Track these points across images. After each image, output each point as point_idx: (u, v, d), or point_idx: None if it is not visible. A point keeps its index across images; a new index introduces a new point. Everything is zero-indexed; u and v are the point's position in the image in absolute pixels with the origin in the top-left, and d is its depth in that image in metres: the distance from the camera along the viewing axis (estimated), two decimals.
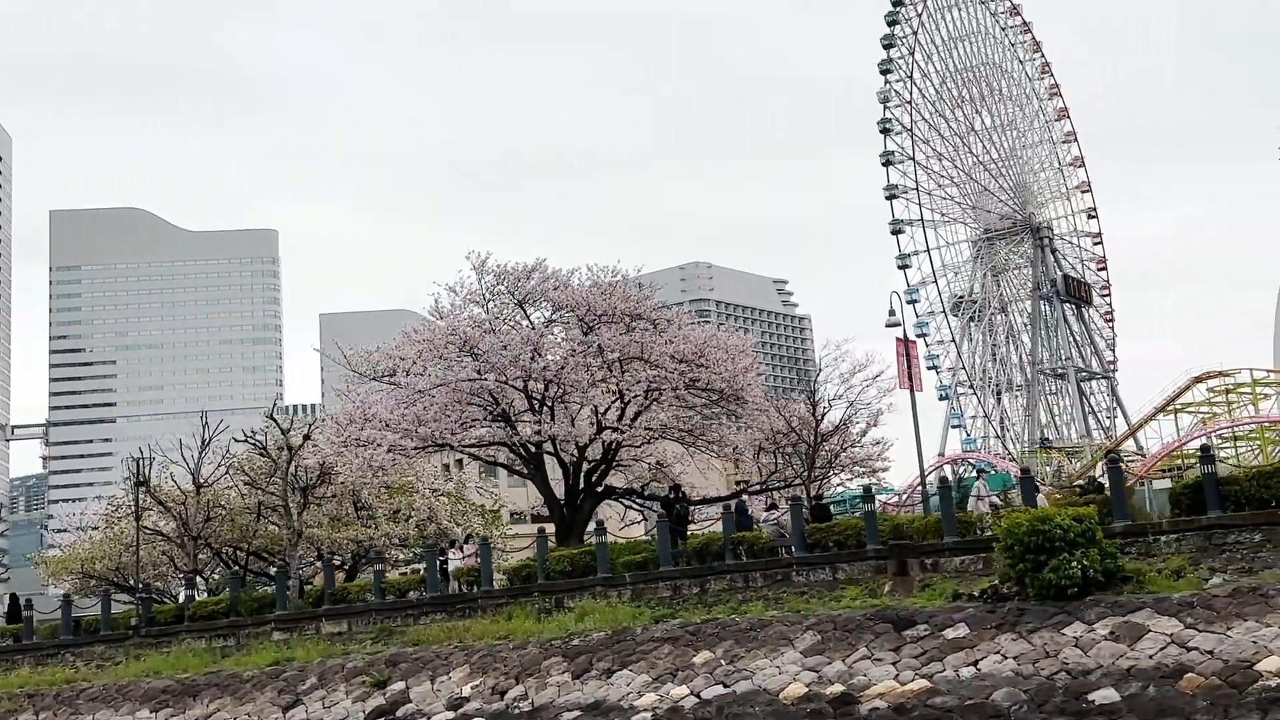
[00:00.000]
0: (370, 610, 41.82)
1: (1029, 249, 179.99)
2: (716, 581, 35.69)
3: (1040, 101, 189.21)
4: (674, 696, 29.54)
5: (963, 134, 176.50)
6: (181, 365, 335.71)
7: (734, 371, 46.06)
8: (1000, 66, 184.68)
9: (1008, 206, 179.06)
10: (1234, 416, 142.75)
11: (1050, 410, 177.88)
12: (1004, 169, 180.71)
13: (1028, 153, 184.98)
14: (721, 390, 46.46)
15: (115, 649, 46.32)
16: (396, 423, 47.22)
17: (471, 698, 32.93)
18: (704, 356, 45.72)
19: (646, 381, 45.10)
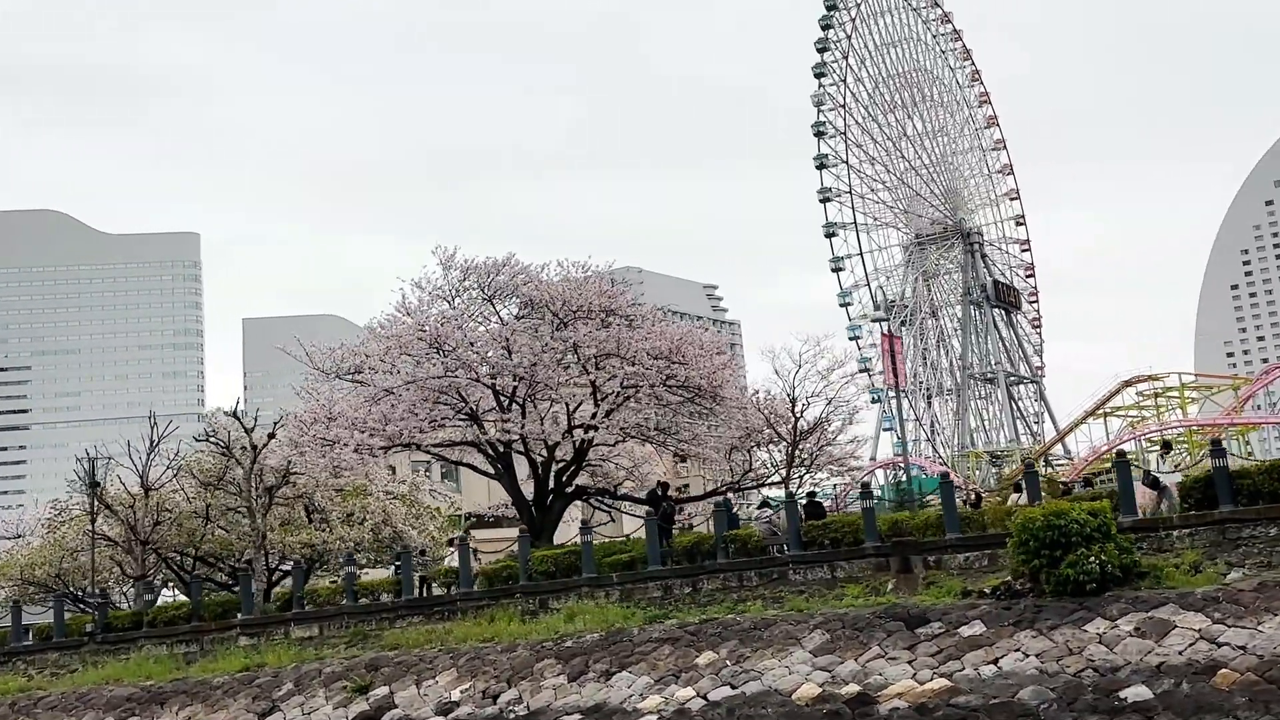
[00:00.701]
0: (343, 614, 40.53)
1: (960, 254, 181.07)
2: (709, 581, 34.84)
3: (970, 109, 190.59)
4: (679, 698, 28.68)
5: (895, 139, 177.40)
6: (99, 371, 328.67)
7: (712, 368, 45.25)
8: (931, 73, 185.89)
9: (939, 212, 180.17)
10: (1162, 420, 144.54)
11: (980, 414, 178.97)
12: (935, 174, 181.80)
13: (958, 159, 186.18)
14: (699, 387, 45.59)
15: (70, 656, 44.65)
16: (362, 421, 45.90)
17: (461, 702, 31.89)
18: (680, 353, 44.84)
19: (623, 378, 44.11)
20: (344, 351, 49.18)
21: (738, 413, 46.79)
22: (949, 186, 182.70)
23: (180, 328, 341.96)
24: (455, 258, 48.19)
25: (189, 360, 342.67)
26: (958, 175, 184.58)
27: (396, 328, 47.98)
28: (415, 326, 46.50)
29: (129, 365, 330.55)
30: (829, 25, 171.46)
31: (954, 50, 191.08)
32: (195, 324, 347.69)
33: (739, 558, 35.04)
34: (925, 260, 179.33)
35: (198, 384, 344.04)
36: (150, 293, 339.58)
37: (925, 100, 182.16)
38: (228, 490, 51.47)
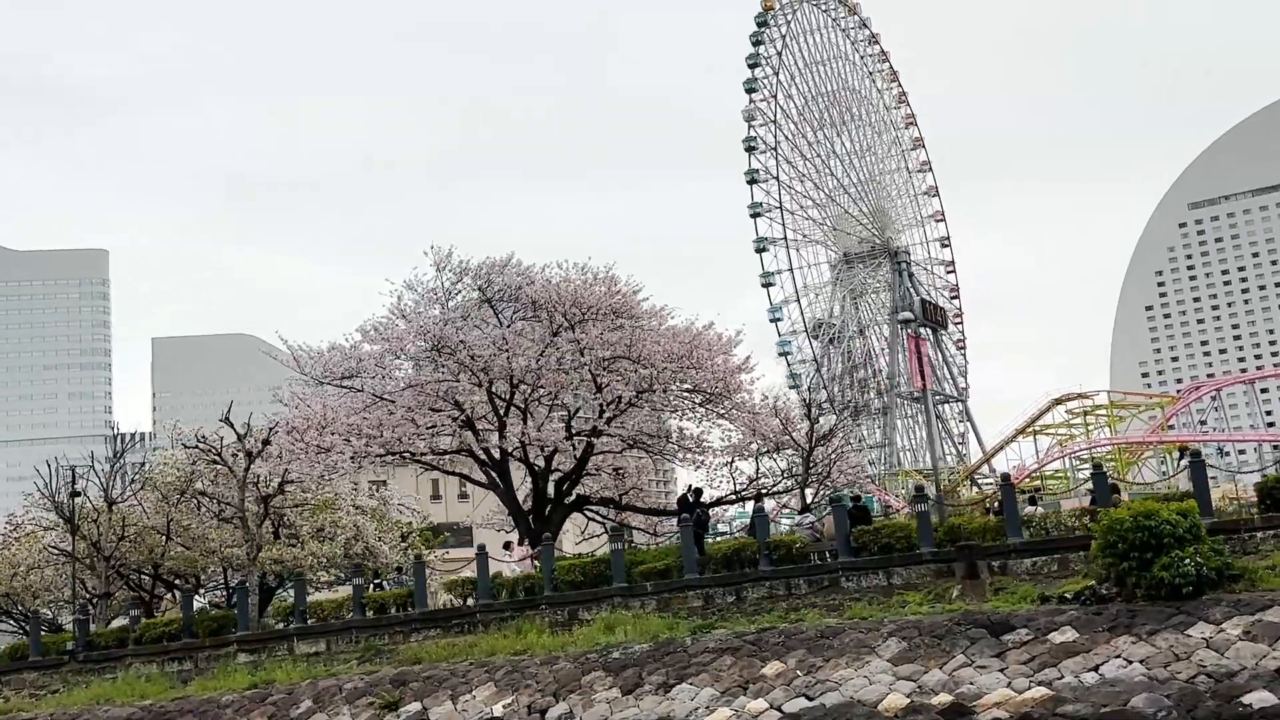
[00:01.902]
0: (350, 628, 38.60)
1: (887, 273, 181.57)
2: (754, 589, 33.45)
3: (897, 130, 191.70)
4: (751, 711, 27.23)
5: (825, 156, 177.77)
6: (3, 391, 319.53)
7: (726, 370, 43.88)
8: (860, 92, 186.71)
9: (867, 230, 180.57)
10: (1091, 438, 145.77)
11: (907, 434, 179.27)
12: (863, 193, 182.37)
13: (886, 178, 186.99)
14: (713, 391, 44.17)
15: (49, 676, 42.18)
16: (357, 428, 44.00)
17: (505, 717, 30.18)
18: (693, 355, 43.46)
19: (637, 381, 42.63)
20: (335, 355, 47.12)
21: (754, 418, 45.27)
22: (877, 206, 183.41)
23: (88, 347, 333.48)
24: (450, 258, 46.52)
25: (97, 380, 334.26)
26: (885, 195, 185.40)
27: (391, 331, 46.12)
28: (416, 330, 44.71)
29: (34, 385, 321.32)
30: (759, 41, 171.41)
31: (881, 71, 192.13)
32: (103, 343, 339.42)
33: (783, 564, 33.68)
34: (853, 279, 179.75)
35: (105, 405, 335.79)
36: (57, 311, 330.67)
37: (854, 119, 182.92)
38: (219, 501, 49.00)
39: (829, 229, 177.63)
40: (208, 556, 54.81)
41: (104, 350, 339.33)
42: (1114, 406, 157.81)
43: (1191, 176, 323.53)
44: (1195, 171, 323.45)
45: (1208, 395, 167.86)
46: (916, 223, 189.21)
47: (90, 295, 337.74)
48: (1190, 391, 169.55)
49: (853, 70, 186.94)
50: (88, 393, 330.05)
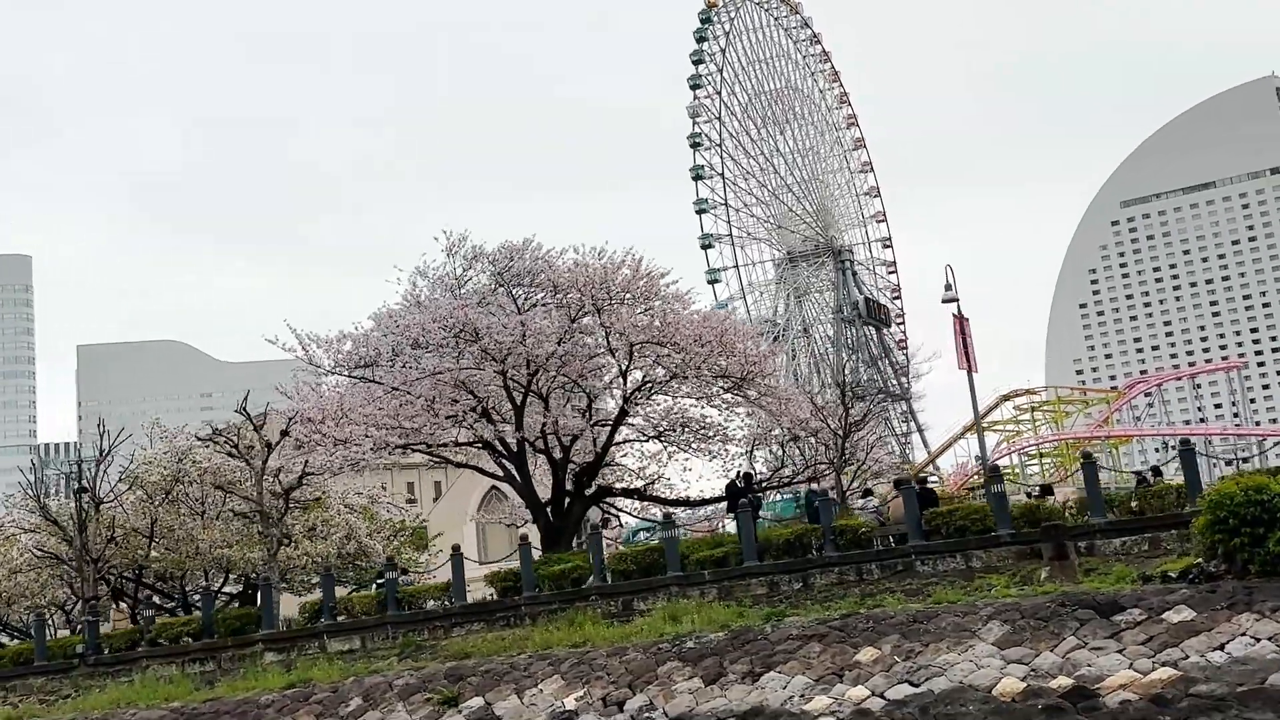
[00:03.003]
0: (385, 624, 37.04)
1: (831, 272, 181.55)
2: (821, 575, 32.35)
3: (839, 130, 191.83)
4: (853, 699, 26.10)
5: (769, 154, 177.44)
6: None
7: (757, 355, 42.77)
8: (802, 92, 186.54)
9: (811, 229, 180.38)
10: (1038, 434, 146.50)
11: None
12: (807, 192, 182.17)
13: (828, 178, 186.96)
14: (742, 377, 43.01)
15: (58, 680, 40.16)
16: (375, 418, 42.47)
17: (580, 711, 28.83)
18: (723, 339, 42.31)
19: (671, 365, 41.40)
20: (346, 344, 45.49)
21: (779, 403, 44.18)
22: (820, 205, 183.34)
23: (11, 355, 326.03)
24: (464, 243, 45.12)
25: (20, 389, 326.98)
26: (828, 194, 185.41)
27: (407, 319, 44.53)
28: (434, 316, 43.14)
29: None
30: (703, 38, 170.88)
31: (823, 71, 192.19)
32: (27, 350, 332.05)
33: (849, 550, 32.62)
34: (797, 277, 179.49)
35: (29, 414, 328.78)
36: None
37: (797, 118, 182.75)
38: (237, 493, 47.15)
39: (773, 227, 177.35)
40: (193, 559, 52.94)
41: (28, 358, 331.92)
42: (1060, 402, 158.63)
43: (1123, 175, 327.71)
44: (1127, 170, 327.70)
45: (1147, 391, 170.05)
46: (859, 223, 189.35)
47: (13, 302, 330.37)
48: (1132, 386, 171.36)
49: (795, 69, 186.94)
50: (10, 401, 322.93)
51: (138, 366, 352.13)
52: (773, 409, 43.92)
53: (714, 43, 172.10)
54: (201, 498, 54.28)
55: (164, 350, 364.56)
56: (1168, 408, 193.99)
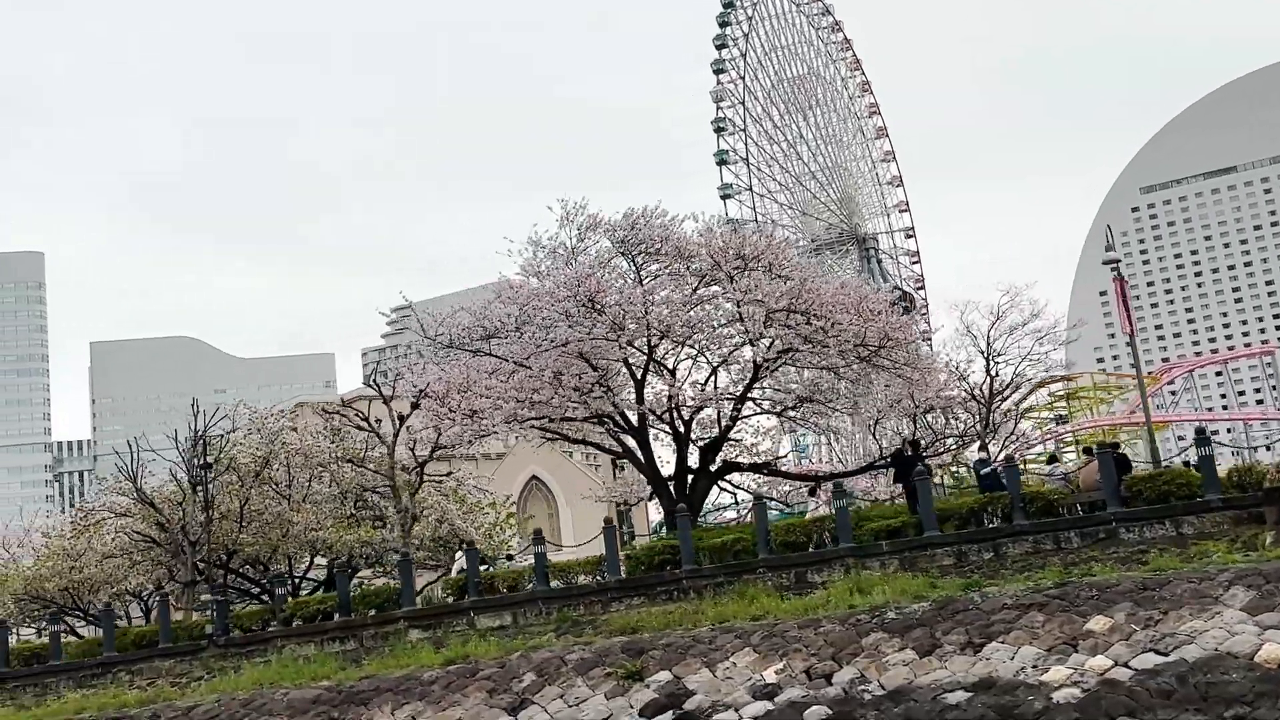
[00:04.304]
0: (535, 599, 35.69)
1: (855, 260, 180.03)
2: (1014, 545, 31.00)
3: (861, 119, 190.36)
4: (1095, 668, 24.69)
5: (792, 140, 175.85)
6: None
7: (896, 322, 41.35)
8: (825, 78, 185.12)
9: (835, 217, 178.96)
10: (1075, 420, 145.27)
11: None
12: (830, 180, 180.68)
13: (851, 166, 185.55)
14: (879, 345, 41.57)
15: (187, 663, 38.79)
16: (504, 391, 41.11)
17: (782, 684, 27.43)
18: (862, 305, 40.91)
19: (810, 333, 39.94)
20: (463, 318, 44.10)
21: (919, 373, 42.77)
22: (844, 193, 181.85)
23: (24, 353, 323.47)
24: (581, 211, 43.63)
25: (34, 387, 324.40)
26: (851, 183, 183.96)
27: (526, 290, 43.13)
28: (560, 285, 41.74)
29: None
30: (726, 23, 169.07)
31: (844, 59, 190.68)
32: (40, 348, 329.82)
33: (1041, 518, 31.25)
34: (821, 265, 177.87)
35: (44, 411, 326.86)
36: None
37: (819, 106, 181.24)
38: (367, 468, 45.79)
39: (797, 214, 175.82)
40: (287, 541, 51.68)
41: (41, 356, 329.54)
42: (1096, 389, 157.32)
43: (1143, 161, 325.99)
44: (1147, 156, 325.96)
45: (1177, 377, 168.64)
46: (881, 212, 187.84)
47: (26, 299, 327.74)
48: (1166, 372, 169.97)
49: (817, 56, 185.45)
50: (25, 399, 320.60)
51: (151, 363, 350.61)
52: (911, 377, 42.42)
53: (736, 28, 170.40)
54: (289, 480, 53.12)
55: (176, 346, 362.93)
56: (1203, 393, 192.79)
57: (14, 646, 47.09)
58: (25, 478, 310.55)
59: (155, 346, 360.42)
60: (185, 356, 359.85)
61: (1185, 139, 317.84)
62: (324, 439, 55.38)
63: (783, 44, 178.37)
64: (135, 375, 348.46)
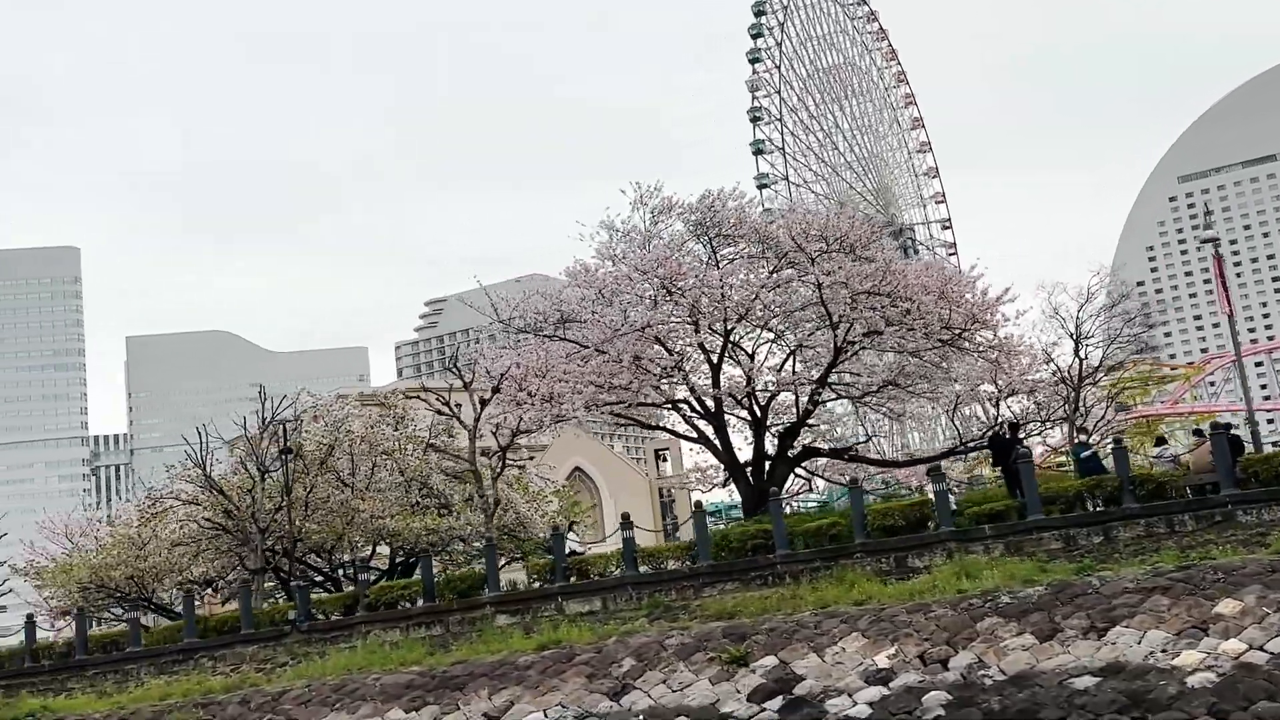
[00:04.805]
0: (624, 584, 35.18)
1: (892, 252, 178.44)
2: (1125, 528, 30.29)
3: (896, 110, 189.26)
4: (1229, 652, 24.03)
5: (828, 130, 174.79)
6: None
7: (983, 303, 40.57)
8: (860, 68, 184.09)
9: (872, 207, 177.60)
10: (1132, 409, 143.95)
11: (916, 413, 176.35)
12: (866, 170, 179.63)
13: (887, 156, 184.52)
14: (963, 328, 40.84)
15: (271, 649, 38.44)
16: (582, 375, 40.58)
17: (896, 669, 26.85)
18: (948, 287, 40.20)
19: (895, 316, 39.25)
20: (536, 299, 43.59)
21: (1004, 355, 41.95)
22: (880, 184, 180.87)
23: (61, 347, 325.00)
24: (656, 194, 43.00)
25: (71, 381, 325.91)
26: (887, 172, 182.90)
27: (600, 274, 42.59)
28: (636, 269, 41.18)
29: (6, 388, 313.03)
30: (762, 11, 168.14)
31: (880, 49, 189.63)
32: (77, 343, 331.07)
33: (1150, 501, 30.54)
34: None
35: (81, 406, 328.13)
36: (28, 311, 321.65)
37: (854, 95, 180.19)
38: (448, 453, 45.37)
39: (833, 204, 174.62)
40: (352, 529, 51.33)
41: (77, 350, 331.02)
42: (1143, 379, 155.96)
43: (1181, 150, 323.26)
44: (1184, 145, 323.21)
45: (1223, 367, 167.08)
46: (917, 203, 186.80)
47: (62, 294, 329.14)
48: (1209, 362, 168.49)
49: (852, 45, 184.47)
50: (62, 394, 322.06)
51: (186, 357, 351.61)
52: (995, 360, 41.59)
53: (772, 16, 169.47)
54: (352, 469, 52.78)
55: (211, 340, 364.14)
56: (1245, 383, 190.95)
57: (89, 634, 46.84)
58: (63, 471, 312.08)
59: (190, 341, 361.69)
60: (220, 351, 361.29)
61: (1223, 128, 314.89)
62: (388, 426, 55.18)
63: (818, 33, 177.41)
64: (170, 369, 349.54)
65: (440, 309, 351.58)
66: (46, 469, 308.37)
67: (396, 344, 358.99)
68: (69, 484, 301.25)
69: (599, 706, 28.88)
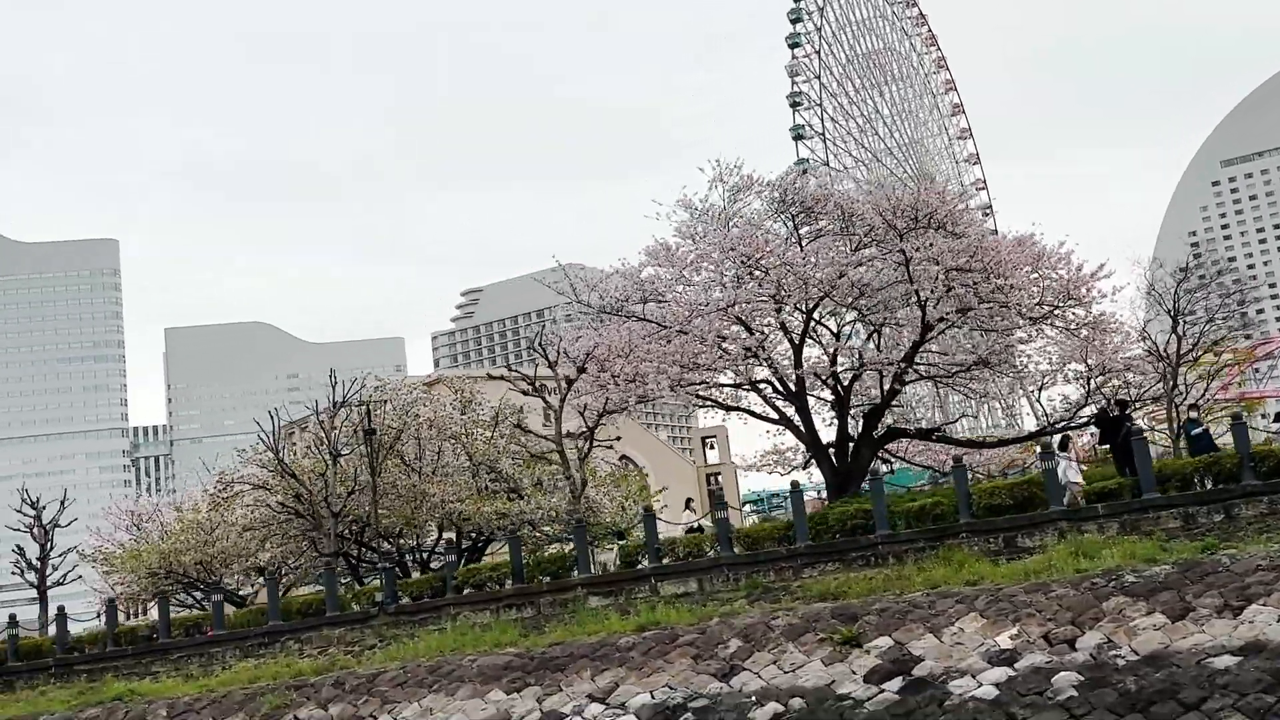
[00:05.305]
0: (720, 565, 34.56)
1: None
2: (1247, 506, 29.45)
3: (936, 96, 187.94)
4: None
5: (868, 115, 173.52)
6: (15, 387, 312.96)
7: (1078, 278, 39.63)
8: (900, 53, 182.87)
9: None
10: None
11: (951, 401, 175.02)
12: (907, 156, 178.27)
13: (927, 142, 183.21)
14: (1055, 303, 39.91)
15: (358, 631, 38.01)
16: (669, 355, 39.94)
17: (1020, 650, 26.11)
18: (1040, 262, 39.32)
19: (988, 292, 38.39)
20: (615, 280, 42.95)
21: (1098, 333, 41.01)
22: (920, 170, 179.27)
23: (100, 339, 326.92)
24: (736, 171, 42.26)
25: (111, 373, 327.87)
26: (928, 159, 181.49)
27: (680, 253, 41.90)
28: (719, 247, 40.47)
29: (47, 380, 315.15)
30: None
31: (920, 35, 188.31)
32: (116, 334, 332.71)
33: (1274, 478, 29.70)
34: None
35: (120, 397, 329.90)
36: (68, 303, 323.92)
37: (894, 80, 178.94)
38: (534, 434, 44.85)
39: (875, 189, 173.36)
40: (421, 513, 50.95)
41: (117, 342, 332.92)
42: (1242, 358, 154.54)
43: (1224, 133, 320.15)
44: (1227, 128, 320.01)
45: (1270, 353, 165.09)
46: (958, 190, 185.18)
47: (101, 286, 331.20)
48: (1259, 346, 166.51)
49: (892, 30, 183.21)
50: (102, 385, 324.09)
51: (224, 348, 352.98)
52: (1087, 337, 40.60)
53: (811, 1, 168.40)
54: (419, 453, 52.38)
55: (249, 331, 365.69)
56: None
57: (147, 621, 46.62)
58: (104, 463, 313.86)
59: (227, 332, 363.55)
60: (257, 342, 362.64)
61: (1266, 112, 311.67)
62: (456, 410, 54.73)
63: (856, 18, 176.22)
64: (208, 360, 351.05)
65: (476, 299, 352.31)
66: (87, 460, 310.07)
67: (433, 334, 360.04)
68: (110, 475, 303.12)
69: (708, 688, 28.25)
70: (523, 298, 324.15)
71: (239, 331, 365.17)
